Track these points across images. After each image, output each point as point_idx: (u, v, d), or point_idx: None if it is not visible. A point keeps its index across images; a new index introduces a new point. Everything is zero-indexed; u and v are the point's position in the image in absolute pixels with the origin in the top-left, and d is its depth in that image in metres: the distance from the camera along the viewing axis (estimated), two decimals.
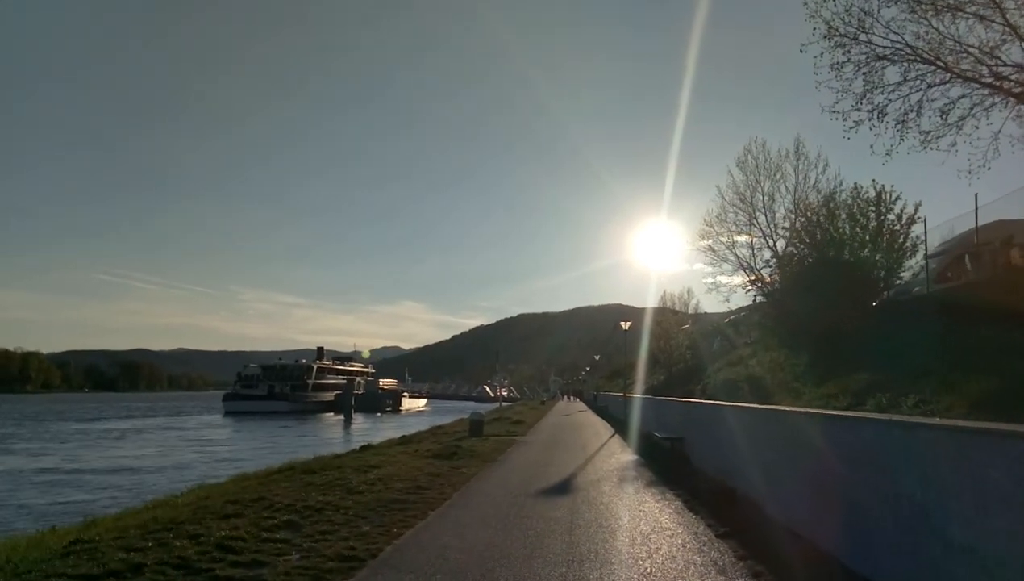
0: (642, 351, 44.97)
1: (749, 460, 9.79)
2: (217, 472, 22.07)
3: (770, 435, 8.55)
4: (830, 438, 6.36)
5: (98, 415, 76.45)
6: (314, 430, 59.33)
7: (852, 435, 5.82)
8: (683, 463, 14.81)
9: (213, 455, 31.43)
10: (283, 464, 14.79)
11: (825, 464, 6.42)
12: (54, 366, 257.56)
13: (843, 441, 6.08)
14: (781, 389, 10.91)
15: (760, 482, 9.11)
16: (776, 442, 8.29)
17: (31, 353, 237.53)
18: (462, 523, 8.31)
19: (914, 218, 17.05)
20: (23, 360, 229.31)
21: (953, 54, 15.10)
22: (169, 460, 28.67)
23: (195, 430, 55.59)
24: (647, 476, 13.14)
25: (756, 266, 33.60)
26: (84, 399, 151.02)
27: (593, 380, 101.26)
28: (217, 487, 11.56)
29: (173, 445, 37.33)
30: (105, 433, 48.87)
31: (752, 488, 9.39)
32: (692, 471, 13.31)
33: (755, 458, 9.43)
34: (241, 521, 8.05)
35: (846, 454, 5.93)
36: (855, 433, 5.82)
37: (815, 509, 6.83)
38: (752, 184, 34.66)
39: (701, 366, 26.00)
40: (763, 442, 8.96)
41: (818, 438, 6.63)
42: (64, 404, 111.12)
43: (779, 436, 8.11)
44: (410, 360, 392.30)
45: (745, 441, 10.08)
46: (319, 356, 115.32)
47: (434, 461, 15.10)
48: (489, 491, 11.08)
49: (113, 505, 16.91)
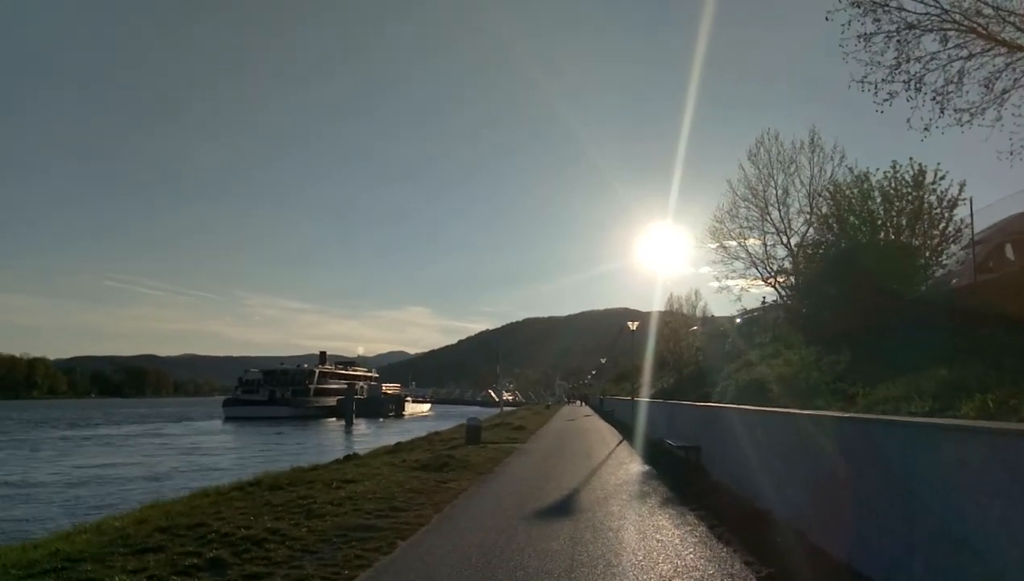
0: (648, 353, 43.23)
1: (785, 477, 8.09)
2: (190, 483, 20.45)
3: (818, 449, 6.86)
4: (924, 455, 4.68)
5: (93, 421, 75.03)
6: (313, 436, 57.70)
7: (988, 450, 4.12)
8: (700, 476, 13.08)
9: (194, 464, 29.74)
10: (254, 477, 13.15)
11: (917, 490, 4.75)
12: (60, 372, 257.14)
13: (956, 459, 4.39)
14: (822, 392, 9.22)
15: (801, 504, 7.41)
16: (828, 458, 6.60)
17: (37, 359, 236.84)
18: (435, 560, 6.63)
19: (957, 200, 15.25)
20: (29, 366, 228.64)
21: (996, 22, 13.47)
22: (144, 470, 27.01)
23: (189, 436, 54.02)
24: (661, 492, 11.43)
25: (769, 264, 31.90)
26: (87, 405, 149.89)
27: (599, 384, 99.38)
28: (163, 506, 9.94)
29: (156, 453, 35.65)
30: (89, 440, 47.19)
31: (791, 511, 7.68)
32: (712, 486, 11.59)
33: (795, 475, 7.73)
34: (155, 559, 6.41)
35: (956, 478, 4.25)
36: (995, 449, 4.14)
37: (895, 546, 5.14)
38: (765, 178, 32.70)
39: (715, 367, 24.20)
40: (808, 457, 7.27)
41: (903, 454, 4.96)
42: (64, 410, 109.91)
43: (835, 451, 6.42)
44: (416, 365, 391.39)
45: (780, 454, 8.38)
46: (321, 361, 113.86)
47: (420, 474, 13.43)
48: (477, 512, 9.40)
49: (33, 527, 15.19)
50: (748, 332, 33.45)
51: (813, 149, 31.53)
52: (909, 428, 5.15)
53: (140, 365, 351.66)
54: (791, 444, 7.98)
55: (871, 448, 5.73)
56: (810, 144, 30.92)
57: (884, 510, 5.30)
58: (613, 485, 12.40)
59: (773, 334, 29.08)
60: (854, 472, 5.96)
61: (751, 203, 32.77)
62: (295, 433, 59.77)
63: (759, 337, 31.57)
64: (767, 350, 18.92)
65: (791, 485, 7.86)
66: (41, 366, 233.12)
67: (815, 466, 7.08)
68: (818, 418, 7.23)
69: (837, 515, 6.38)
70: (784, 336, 17.90)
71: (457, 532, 8.04)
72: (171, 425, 70.71)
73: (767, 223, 32.75)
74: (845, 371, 10.02)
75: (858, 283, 12.66)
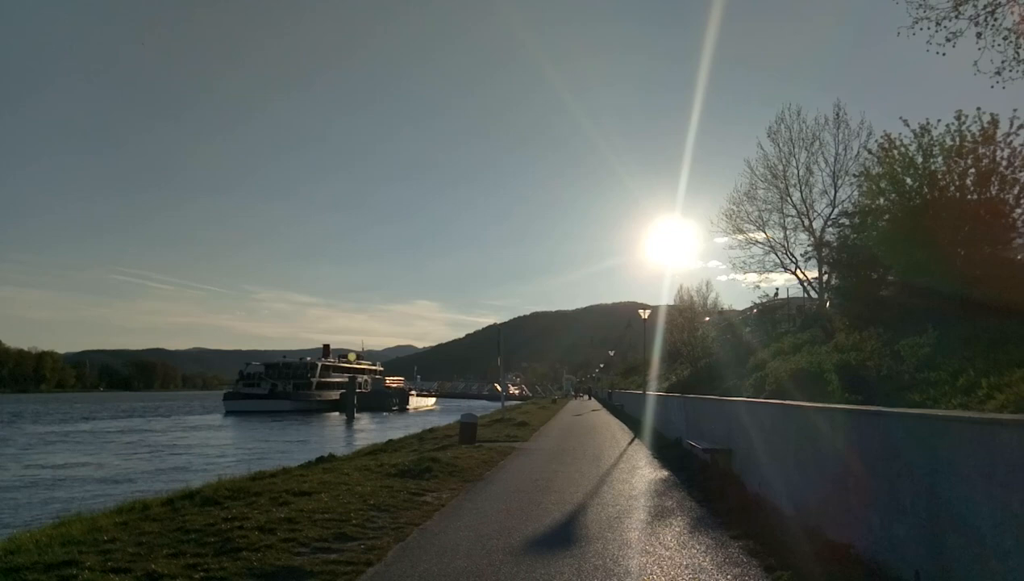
0: (657, 344, 40.91)
1: (889, 501, 5.74)
2: (150, 486, 18.36)
3: (932, 460, 4.52)
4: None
5: (89, 415, 73.23)
6: (311, 431, 55.73)
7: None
8: (734, 486, 10.74)
9: (165, 463, 27.53)
10: (192, 489, 10.89)
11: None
12: (69, 366, 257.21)
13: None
14: (915, 384, 6.91)
15: (906, 539, 5.08)
16: (952, 474, 4.26)
17: (45, 353, 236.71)
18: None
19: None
20: (37, 360, 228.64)
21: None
22: (106, 471, 24.75)
23: (181, 431, 52.08)
24: (688, 508, 9.12)
25: (791, 248, 29.32)
26: (92, 399, 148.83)
27: (607, 377, 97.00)
28: (39, 533, 7.69)
29: (129, 452, 33.40)
30: (68, 437, 45.12)
31: (884, 547, 5.36)
32: (752, 501, 9.27)
33: (894, 498, 5.39)
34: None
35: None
36: None
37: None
38: (785, 157, 30.06)
39: (737, 358, 21.84)
40: (906, 470, 4.93)
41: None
42: (66, 404, 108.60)
43: (970, 468, 4.08)
44: (423, 359, 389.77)
45: (872, 467, 6.01)
46: (325, 354, 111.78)
47: (395, 482, 11.17)
48: (449, 543, 7.12)
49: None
50: (764, 322, 31.02)
51: (838, 125, 28.84)
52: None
53: (149, 359, 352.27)
54: (879, 454, 5.65)
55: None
56: (835, 120, 28.20)
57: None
58: (627, 498, 10.11)
59: (801, 322, 26.63)
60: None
61: (771, 184, 30.22)
62: (293, 428, 57.85)
63: (785, 325, 29.15)
64: (800, 337, 16.62)
65: (880, 510, 5.53)
66: (49, 360, 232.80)
67: (918, 485, 4.75)
68: (933, 420, 4.89)
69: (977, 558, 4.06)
70: (829, 319, 15.47)
71: (414, 579, 5.77)
72: (169, 419, 68.98)
73: (787, 205, 30.29)
74: (931, 356, 7.69)
75: (935, 252, 10.24)
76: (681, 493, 10.45)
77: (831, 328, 13.66)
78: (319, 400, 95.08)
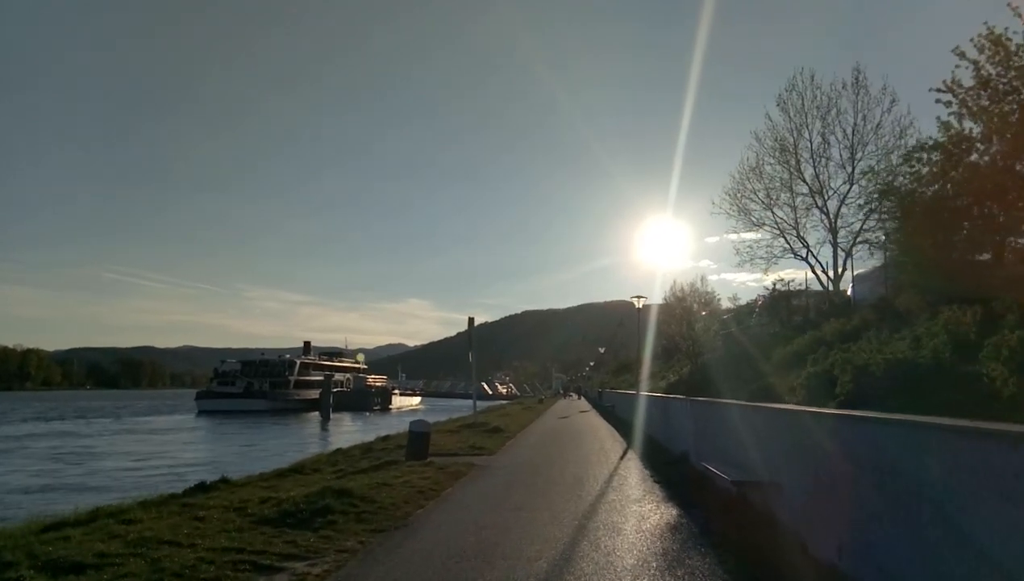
0: (648, 341, 37.31)
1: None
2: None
3: None
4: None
5: (42, 414, 68.49)
6: (280, 433, 51.49)
7: None
8: (787, 545, 6.80)
9: (56, 479, 23.18)
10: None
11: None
12: (55, 363, 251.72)
13: None
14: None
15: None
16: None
17: (31, 350, 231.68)
18: None
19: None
20: (23, 357, 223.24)
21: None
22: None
23: (141, 434, 47.87)
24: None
25: (800, 230, 25.51)
26: (74, 396, 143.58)
27: (598, 376, 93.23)
28: None
29: (35, 461, 29.15)
30: (8, 440, 40.83)
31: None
32: (830, 577, 5.34)
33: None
34: None
35: None
36: None
37: None
38: (797, 127, 26.11)
39: (747, 355, 18.04)
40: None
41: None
42: (41, 402, 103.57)
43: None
44: (414, 357, 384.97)
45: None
46: (305, 351, 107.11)
47: (256, 536, 7.15)
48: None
49: None
50: (778, 311, 27.30)
51: (857, 91, 24.99)
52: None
53: (137, 357, 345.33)
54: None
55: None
56: (854, 84, 24.37)
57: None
58: (618, 573, 6.13)
59: (828, 308, 22.79)
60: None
61: (779, 159, 26.43)
62: (262, 430, 53.61)
63: (800, 315, 25.34)
64: (848, 323, 12.70)
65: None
66: (34, 357, 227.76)
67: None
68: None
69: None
70: (890, 302, 11.54)
71: None
72: (139, 419, 64.66)
73: (799, 182, 26.48)
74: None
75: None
76: (705, 561, 6.47)
77: (901, 310, 9.84)
78: (297, 399, 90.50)
